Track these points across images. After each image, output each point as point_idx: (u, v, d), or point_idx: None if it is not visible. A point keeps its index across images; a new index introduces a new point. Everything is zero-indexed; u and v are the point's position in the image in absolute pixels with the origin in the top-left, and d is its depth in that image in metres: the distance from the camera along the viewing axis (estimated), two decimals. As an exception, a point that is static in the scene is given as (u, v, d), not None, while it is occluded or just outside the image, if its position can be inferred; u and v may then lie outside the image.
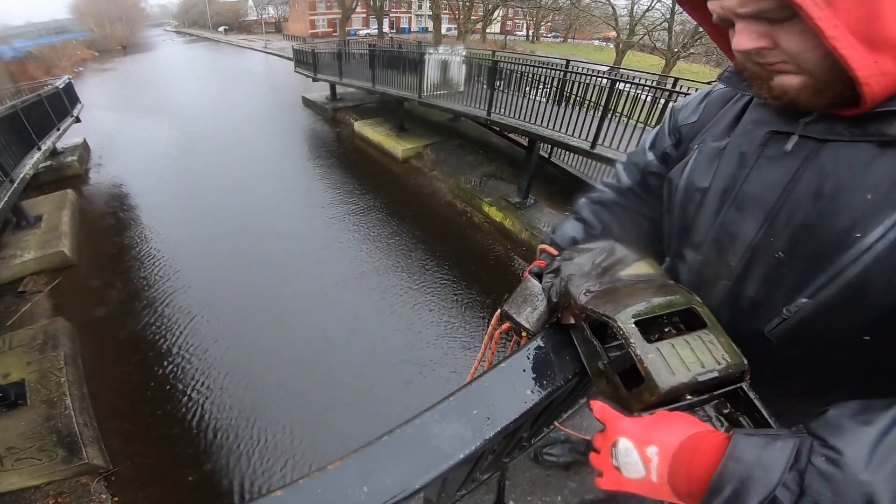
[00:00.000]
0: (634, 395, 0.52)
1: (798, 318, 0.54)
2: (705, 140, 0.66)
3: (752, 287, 0.59)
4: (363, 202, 8.37)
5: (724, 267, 0.62)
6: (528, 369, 0.63)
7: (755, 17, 0.45)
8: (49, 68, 23.61)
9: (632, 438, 0.47)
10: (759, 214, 0.56)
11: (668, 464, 0.45)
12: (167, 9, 76.15)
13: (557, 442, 1.75)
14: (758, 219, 0.56)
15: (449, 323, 5.32)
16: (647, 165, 0.83)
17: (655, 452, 0.46)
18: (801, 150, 0.53)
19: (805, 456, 0.37)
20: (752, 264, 0.58)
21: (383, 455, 0.48)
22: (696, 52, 16.73)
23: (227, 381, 4.42)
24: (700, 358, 0.51)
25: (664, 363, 0.51)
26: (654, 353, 0.51)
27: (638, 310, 0.54)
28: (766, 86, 0.51)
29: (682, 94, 5.71)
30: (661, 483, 0.45)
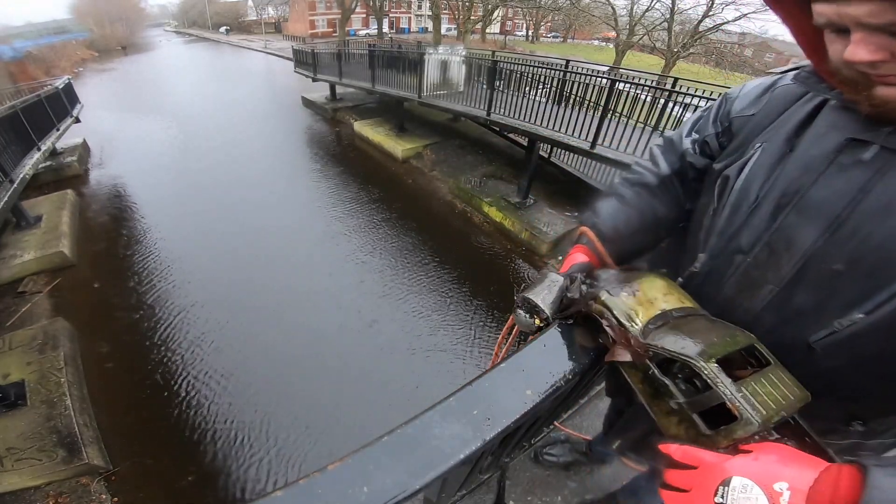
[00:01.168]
0: (723, 433, 0.50)
1: (849, 333, 0.53)
2: (771, 139, 0.63)
3: (802, 296, 0.57)
4: (363, 202, 8.37)
5: (774, 272, 0.60)
6: (528, 369, 0.63)
7: (880, 29, 0.43)
8: (49, 68, 23.61)
9: (751, 476, 0.45)
10: (822, 223, 0.54)
11: (805, 498, 0.42)
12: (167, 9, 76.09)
13: (557, 442, 1.75)
14: (819, 227, 0.54)
15: (449, 323, 5.31)
16: (684, 154, 0.80)
17: (787, 487, 0.43)
18: (877, 160, 0.51)
19: None
20: (804, 273, 0.56)
21: (383, 455, 0.48)
22: (696, 52, 16.73)
23: (227, 381, 4.42)
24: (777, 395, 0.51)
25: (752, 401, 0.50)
26: (742, 393, 0.51)
27: (715, 349, 0.53)
28: (866, 93, 0.49)
29: (681, 94, 5.71)
30: None
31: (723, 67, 16.28)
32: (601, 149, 5.93)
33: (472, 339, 5.09)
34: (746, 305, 0.62)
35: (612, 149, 5.85)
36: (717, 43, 16.22)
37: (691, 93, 5.63)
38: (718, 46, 16.19)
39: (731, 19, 15.24)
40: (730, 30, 16.14)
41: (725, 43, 16.51)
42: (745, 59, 16.85)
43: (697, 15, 15.81)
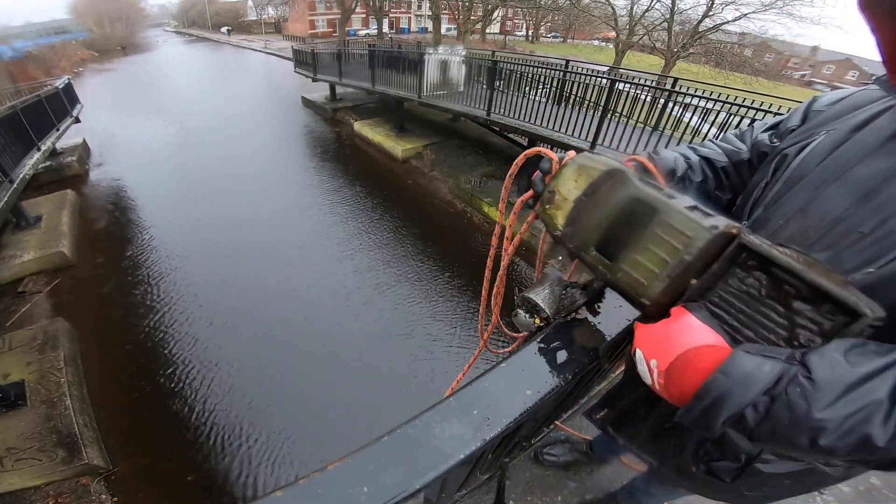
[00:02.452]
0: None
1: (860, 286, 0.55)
2: (837, 128, 0.67)
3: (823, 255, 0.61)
4: (363, 202, 8.37)
5: (802, 233, 0.64)
6: (527, 369, 0.63)
7: None
8: (48, 68, 23.60)
9: (642, 349, 0.56)
10: (859, 193, 0.58)
11: (664, 375, 0.52)
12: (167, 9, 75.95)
13: (557, 442, 1.75)
14: (855, 196, 0.59)
15: (448, 322, 5.31)
16: (758, 143, 0.84)
17: (656, 365, 0.53)
18: None
19: (784, 383, 0.44)
20: (830, 234, 0.61)
21: (383, 455, 0.48)
22: (696, 53, 16.72)
23: (227, 380, 4.42)
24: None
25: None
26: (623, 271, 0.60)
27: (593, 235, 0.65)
28: None
29: (681, 94, 5.71)
30: (660, 388, 0.54)
31: (723, 67, 16.26)
32: (601, 149, 5.93)
33: (471, 338, 5.09)
34: None
35: (612, 149, 5.85)
36: (716, 43, 16.20)
37: (691, 93, 5.63)
38: (718, 46, 16.16)
39: (730, 19, 15.23)
40: (730, 30, 16.12)
41: (725, 43, 16.48)
42: (744, 59, 16.83)
43: (697, 15, 15.80)
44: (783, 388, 0.44)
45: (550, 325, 0.71)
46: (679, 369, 0.50)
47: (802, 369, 0.44)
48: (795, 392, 0.43)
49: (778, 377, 0.44)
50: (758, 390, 0.44)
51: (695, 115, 5.59)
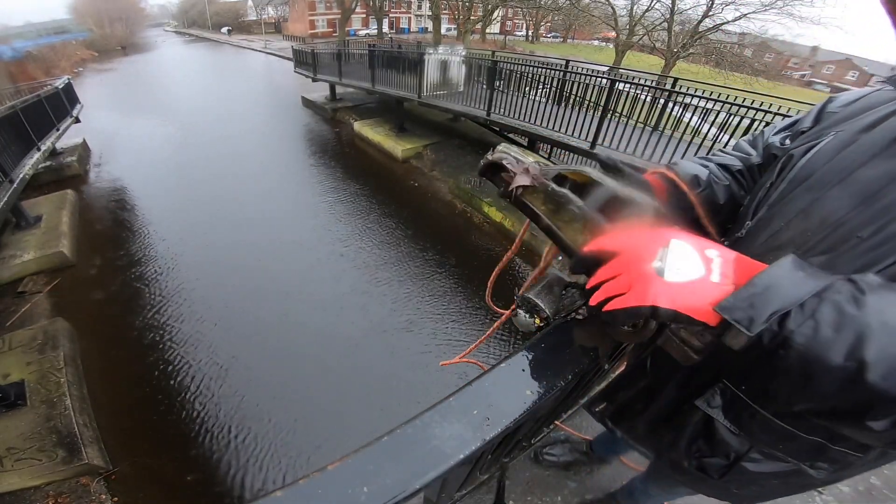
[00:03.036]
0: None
1: None
2: (846, 129, 0.66)
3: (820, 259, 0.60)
4: (363, 202, 8.38)
5: (801, 237, 0.63)
6: (527, 369, 0.63)
7: None
8: (48, 68, 23.59)
9: (687, 241, 0.48)
10: (861, 196, 0.57)
11: (733, 265, 0.47)
12: (167, 9, 76.00)
13: (557, 442, 1.75)
14: (857, 199, 0.57)
15: (448, 322, 5.32)
16: (769, 147, 0.83)
17: (717, 254, 0.47)
18: None
19: (834, 289, 0.42)
20: (829, 238, 0.60)
21: (383, 455, 0.48)
22: (696, 53, 16.72)
23: (227, 380, 4.42)
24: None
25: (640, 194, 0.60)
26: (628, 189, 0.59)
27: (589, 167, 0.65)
28: None
29: (681, 94, 5.71)
30: (723, 282, 0.45)
31: (723, 67, 16.27)
32: (601, 149, 5.93)
33: (471, 338, 5.09)
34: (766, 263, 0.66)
35: (612, 149, 5.85)
36: (716, 43, 16.20)
37: (691, 93, 5.63)
38: (718, 46, 16.17)
39: (730, 19, 15.24)
40: (729, 30, 16.12)
41: (725, 43, 16.48)
42: (744, 59, 16.83)
43: (697, 15, 15.81)
44: (833, 292, 0.42)
45: (550, 325, 0.71)
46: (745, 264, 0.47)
47: (851, 283, 0.43)
48: (844, 297, 0.41)
49: (829, 284, 0.43)
50: (809, 289, 0.42)
51: (695, 115, 5.60)
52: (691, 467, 0.88)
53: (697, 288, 0.45)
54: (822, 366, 0.40)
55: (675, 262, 0.45)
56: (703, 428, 0.83)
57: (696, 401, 0.79)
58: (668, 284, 0.45)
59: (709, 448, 0.83)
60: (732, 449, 0.79)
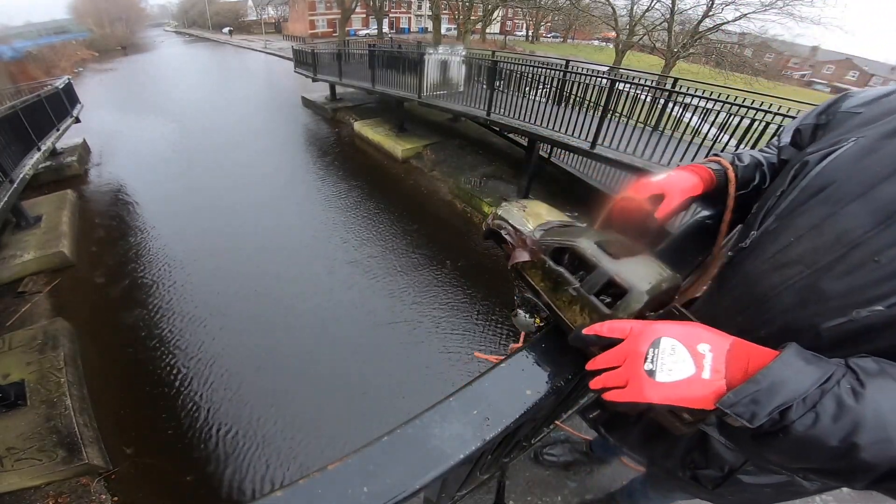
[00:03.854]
0: (621, 307, 0.57)
1: (865, 324, 0.52)
2: (867, 135, 0.61)
3: (830, 282, 0.57)
4: (362, 202, 8.38)
5: (812, 254, 0.59)
6: (527, 369, 0.63)
7: None
8: (49, 68, 23.59)
9: (677, 337, 0.49)
10: (879, 216, 0.53)
11: (725, 359, 0.47)
12: (167, 9, 76.01)
13: (557, 442, 1.75)
14: (876, 219, 0.53)
15: (447, 322, 5.31)
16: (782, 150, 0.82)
17: (708, 349, 0.48)
18: None
19: (835, 381, 0.43)
20: (842, 260, 0.56)
21: (383, 455, 0.48)
22: (696, 53, 16.71)
23: (227, 380, 4.42)
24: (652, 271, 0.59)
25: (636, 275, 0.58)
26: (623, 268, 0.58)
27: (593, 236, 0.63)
28: None
29: (681, 95, 5.71)
30: (715, 377, 0.47)
31: (723, 68, 16.25)
32: (601, 149, 5.93)
33: (471, 339, 5.09)
34: (771, 282, 0.63)
35: (612, 149, 5.85)
36: (717, 43, 16.19)
37: (691, 93, 5.63)
38: (718, 46, 16.16)
39: (730, 19, 15.22)
40: (730, 30, 16.11)
41: (725, 43, 16.47)
42: (744, 59, 16.82)
43: (697, 15, 15.79)
44: (834, 384, 0.43)
45: (550, 324, 0.71)
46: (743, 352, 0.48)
47: (851, 373, 0.44)
48: (847, 388, 0.43)
49: (831, 374, 0.44)
50: (812, 383, 0.43)
51: (695, 116, 5.60)
52: (685, 477, 0.88)
53: (689, 386, 0.47)
54: (817, 448, 0.43)
55: (664, 362, 0.47)
56: (699, 441, 0.83)
57: None
58: (660, 385, 0.47)
59: (704, 460, 0.83)
60: (727, 462, 0.79)
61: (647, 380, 0.48)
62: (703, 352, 0.47)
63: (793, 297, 0.60)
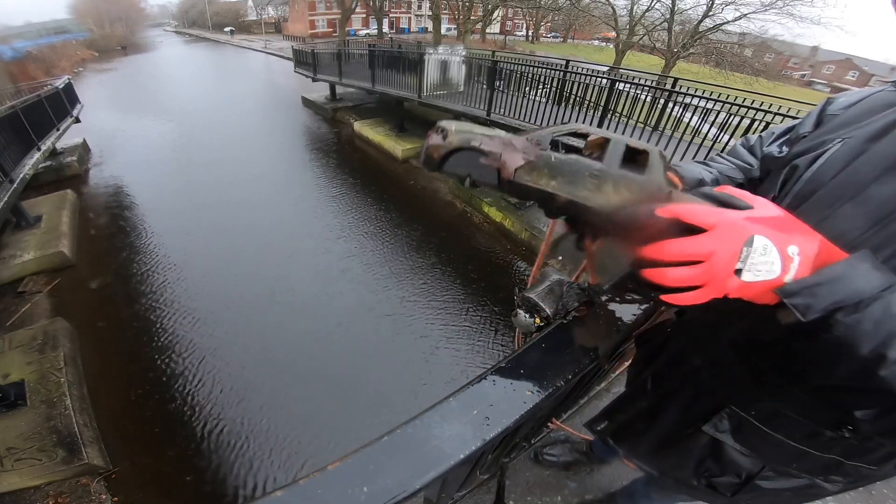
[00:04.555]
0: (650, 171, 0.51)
1: None
2: (852, 136, 0.61)
3: None
4: (362, 202, 8.38)
5: None
6: (527, 369, 0.63)
7: None
8: (49, 68, 23.58)
9: (769, 237, 0.44)
10: (875, 216, 0.53)
11: (812, 264, 0.45)
12: (167, 9, 76.00)
13: (557, 442, 1.75)
14: (871, 220, 0.54)
15: (447, 323, 5.31)
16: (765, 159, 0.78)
17: (797, 252, 0.45)
18: None
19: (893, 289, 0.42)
20: None
21: (383, 455, 0.48)
22: (696, 53, 16.71)
23: (228, 381, 4.42)
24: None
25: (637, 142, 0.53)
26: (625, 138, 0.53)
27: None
28: None
29: (681, 95, 5.71)
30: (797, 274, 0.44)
31: (723, 68, 16.25)
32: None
33: (472, 339, 5.09)
34: None
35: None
36: (717, 43, 16.19)
37: (691, 93, 5.63)
38: (718, 46, 16.16)
39: (730, 19, 15.22)
40: (730, 30, 16.11)
41: (725, 43, 16.47)
42: (744, 59, 16.82)
43: (697, 15, 15.79)
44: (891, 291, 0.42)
45: (550, 324, 0.71)
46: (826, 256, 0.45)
47: None
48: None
49: (890, 284, 0.42)
50: (871, 288, 0.42)
51: (695, 115, 5.60)
52: (701, 486, 0.87)
53: (768, 287, 0.45)
54: (849, 353, 0.43)
55: (755, 262, 0.44)
56: (712, 450, 0.82)
57: (703, 426, 0.79)
58: (744, 285, 0.45)
59: (719, 468, 0.82)
60: (744, 468, 0.78)
61: (733, 279, 0.44)
62: (791, 255, 0.44)
63: None
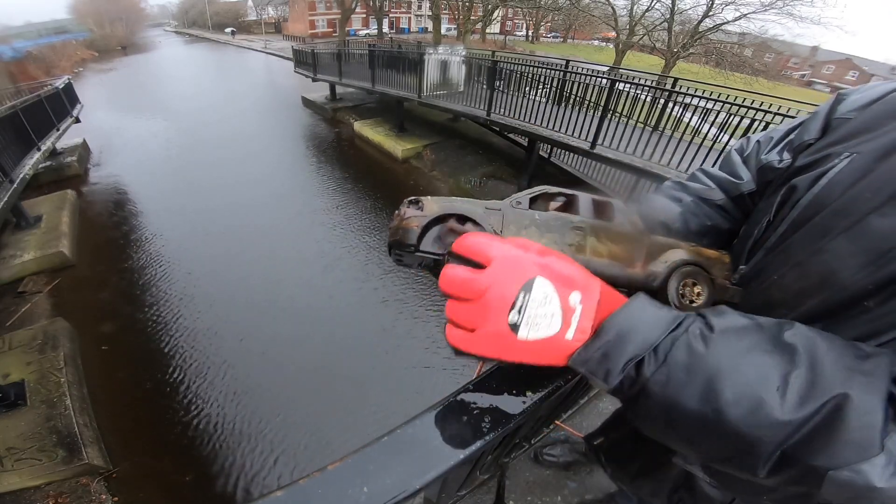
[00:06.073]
0: None
1: None
2: (862, 151, 0.51)
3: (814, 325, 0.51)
4: (363, 202, 8.38)
5: (796, 297, 0.53)
6: (527, 369, 0.63)
7: None
8: (49, 68, 23.60)
9: (553, 280, 0.38)
10: (872, 254, 0.46)
11: (594, 313, 0.39)
12: (167, 9, 76.08)
13: (557, 442, 1.75)
14: (869, 258, 0.46)
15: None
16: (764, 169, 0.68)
17: (579, 300, 0.39)
18: None
19: (685, 327, 0.39)
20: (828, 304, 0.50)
21: (383, 455, 0.48)
22: (696, 53, 16.71)
23: (227, 381, 4.42)
24: None
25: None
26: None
27: None
28: None
29: (681, 95, 5.70)
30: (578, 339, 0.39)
31: (723, 68, 16.26)
32: (601, 149, 5.93)
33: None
34: None
35: (612, 149, 5.85)
36: (717, 43, 16.20)
37: (691, 93, 5.63)
38: (718, 46, 16.17)
39: (730, 19, 15.23)
40: (730, 30, 16.12)
41: (725, 43, 16.48)
42: (744, 59, 16.82)
43: (697, 15, 15.80)
44: (683, 331, 0.39)
45: None
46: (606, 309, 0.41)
47: (701, 319, 0.40)
48: (695, 334, 0.38)
49: (680, 321, 0.40)
50: (661, 331, 0.39)
51: (695, 115, 5.60)
52: None
53: (548, 346, 0.40)
54: (682, 415, 0.38)
55: (532, 314, 0.38)
56: (685, 480, 0.81)
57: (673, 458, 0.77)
58: (521, 345, 0.39)
59: (691, 498, 0.81)
60: (716, 500, 0.77)
61: (508, 336, 0.39)
62: (573, 305, 0.39)
63: None
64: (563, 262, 0.41)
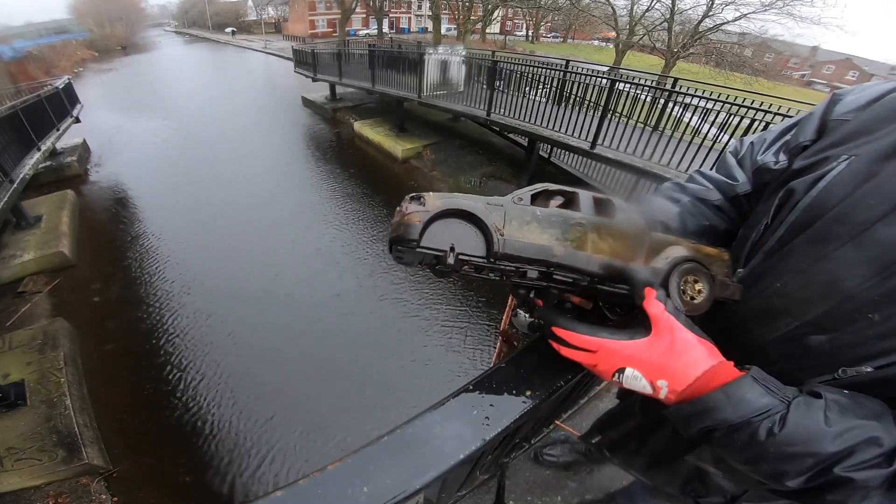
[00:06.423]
0: None
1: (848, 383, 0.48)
2: (862, 154, 0.50)
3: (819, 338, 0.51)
4: (362, 202, 8.37)
5: (801, 306, 0.53)
6: (527, 369, 0.63)
7: None
8: (49, 68, 23.58)
9: (640, 368, 0.51)
10: (877, 266, 0.45)
11: (680, 396, 0.50)
12: (167, 9, 76.04)
13: (557, 442, 1.75)
14: (873, 270, 0.45)
15: (446, 323, 5.32)
16: (760, 171, 0.67)
17: (665, 385, 0.50)
18: None
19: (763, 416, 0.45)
20: (833, 315, 0.49)
21: (383, 455, 0.48)
22: (696, 53, 16.71)
23: (227, 381, 4.42)
24: None
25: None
26: None
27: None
28: None
29: (681, 95, 5.70)
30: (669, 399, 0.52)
31: (723, 67, 16.26)
32: (601, 149, 5.93)
33: (471, 341, 5.09)
34: (757, 332, 0.59)
35: (612, 149, 5.85)
36: (716, 43, 16.19)
37: (691, 93, 5.63)
38: (718, 46, 16.16)
39: (730, 19, 15.23)
40: (730, 30, 16.11)
41: (725, 43, 16.47)
42: (744, 59, 16.82)
43: (697, 15, 15.79)
44: (760, 420, 0.44)
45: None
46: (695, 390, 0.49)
47: (785, 409, 0.44)
48: (766, 426, 0.44)
49: (765, 410, 0.45)
50: (741, 416, 0.45)
51: (695, 115, 5.60)
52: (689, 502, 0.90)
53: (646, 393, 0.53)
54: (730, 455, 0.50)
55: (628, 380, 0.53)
56: (698, 473, 0.83)
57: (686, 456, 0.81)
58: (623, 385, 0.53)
59: (704, 489, 0.84)
60: (728, 491, 0.80)
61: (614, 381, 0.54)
62: (661, 386, 0.51)
63: (779, 350, 0.57)
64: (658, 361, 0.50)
